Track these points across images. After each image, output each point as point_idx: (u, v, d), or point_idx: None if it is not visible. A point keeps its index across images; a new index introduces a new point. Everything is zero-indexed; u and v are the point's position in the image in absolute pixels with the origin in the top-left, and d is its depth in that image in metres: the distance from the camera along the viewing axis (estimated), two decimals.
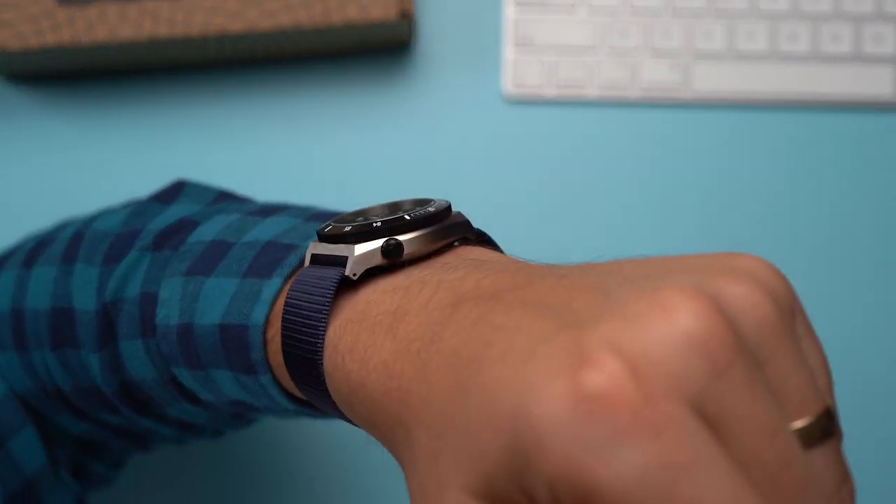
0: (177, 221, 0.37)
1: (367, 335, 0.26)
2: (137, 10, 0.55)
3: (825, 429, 0.21)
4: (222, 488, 0.61)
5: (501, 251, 0.30)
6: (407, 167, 0.61)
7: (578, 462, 0.19)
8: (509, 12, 0.61)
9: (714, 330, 0.20)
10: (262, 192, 0.61)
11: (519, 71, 0.61)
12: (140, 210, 0.39)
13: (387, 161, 0.61)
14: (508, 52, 0.61)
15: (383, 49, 0.62)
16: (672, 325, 0.20)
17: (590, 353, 0.19)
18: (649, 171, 0.62)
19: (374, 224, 0.28)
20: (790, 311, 0.22)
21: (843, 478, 0.21)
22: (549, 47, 0.61)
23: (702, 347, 0.20)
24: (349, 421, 0.29)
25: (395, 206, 0.31)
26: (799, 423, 0.21)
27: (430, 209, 0.29)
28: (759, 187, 0.62)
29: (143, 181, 0.61)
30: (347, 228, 0.29)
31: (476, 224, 0.62)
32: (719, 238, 0.61)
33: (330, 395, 0.28)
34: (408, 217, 0.28)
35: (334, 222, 0.30)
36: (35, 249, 0.41)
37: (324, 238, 0.30)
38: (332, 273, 0.28)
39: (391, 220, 0.28)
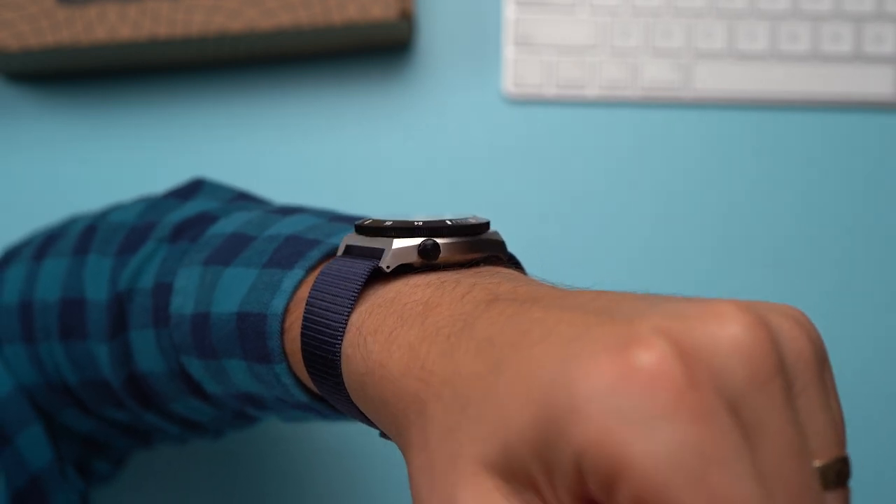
0: (196, 215, 0.37)
1: (395, 319, 0.26)
2: (137, 10, 0.55)
3: (840, 474, 0.22)
4: (224, 488, 0.61)
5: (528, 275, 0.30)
6: (407, 167, 0.61)
7: (614, 433, 0.19)
8: (509, 12, 0.61)
9: (761, 344, 0.20)
10: (263, 191, 0.61)
11: (519, 70, 0.61)
12: (156, 204, 0.39)
13: (387, 160, 0.61)
14: (509, 52, 0.61)
15: (383, 49, 0.62)
16: (723, 329, 0.20)
17: (640, 335, 0.20)
18: (649, 171, 0.62)
19: (416, 223, 0.29)
20: (823, 358, 0.22)
21: None
22: (550, 47, 0.61)
23: (748, 356, 0.20)
24: (354, 415, 0.29)
25: (435, 216, 0.32)
26: (818, 462, 0.21)
27: (470, 220, 0.30)
28: (760, 187, 0.62)
29: (142, 180, 0.61)
30: (388, 223, 0.29)
31: None
32: (719, 238, 0.61)
33: (342, 382, 0.28)
34: (449, 222, 0.29)
35: (374, 219, 0.31)
36: (45, 243, 0.41)
37: (362, 230, 0.30)
38: (365, 263, 0.29)
39: (432, 222, 0.29)
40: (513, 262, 0.31)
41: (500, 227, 0.62)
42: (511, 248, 0.61)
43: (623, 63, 0.61)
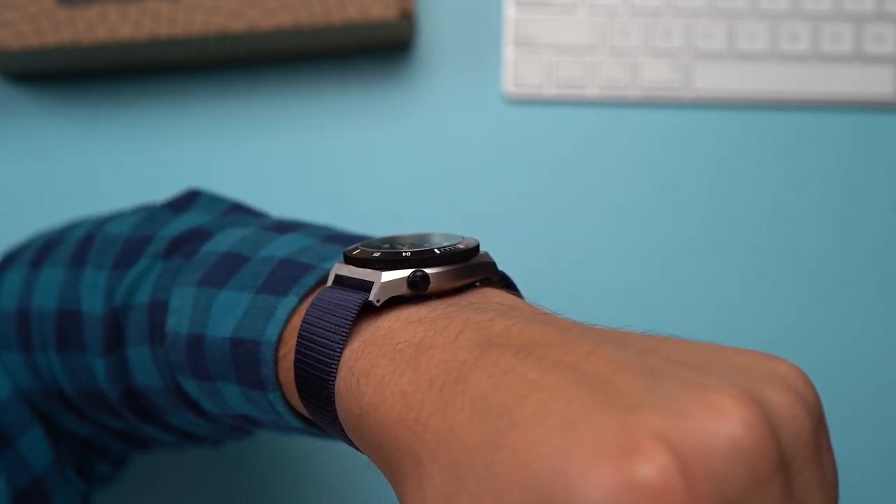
0: (190, 230, 0.37)
1: (387, 361, 0.26)
2: (137, 10, 0.55)
3: None
4: (226, 488, 0.61)
5: (522, 296, 0.30)
6: (407, 167, 0.61)
7: None
8: (510, 12, 0.61)
9: (761, 442, 0.20)
10: (262, 191, 0.61)
11: (519, 70, 0.61)
12: (152, 216, 0.39)
13: (387, 161, 0.61)
14: (509, 52, 0.61)
15: (383, 49, 0.62)
16: (722, 429, 0.20)
17: (640, 442, 0.20)
18: (649, 171, 0.62)
19: (404, 253, 0.28)
20: (820, 425, 0.22)
21: None
22: (550, 47, 0.61)
23: (748, 456, 0.20)
24: (351, 444, 0.29)
25: (424, 238, 0.31)
26: None
27: (459, 246, 0.29)
28: (760, 187, 0.62)
29: (143, 181, 0.61)
30: (376, 254, 0.29)
31: (476, 225, 0.62)
32: (719, 237, 0.61)
33: (337, 417, 0.28)
34: (437, 251, 0.29)
35: (363, 246, 0.30)
36: (44, 249, 0.41)
37: (350, 261, 0.30)
38: (355, 297, 0.28)
39: (421, 252, 0.28)
40: (504, 282, 0.31)
41: (500, 226, 0.62)
42: (511, 248, 0.61)
43: (623, 63, 0.61)
